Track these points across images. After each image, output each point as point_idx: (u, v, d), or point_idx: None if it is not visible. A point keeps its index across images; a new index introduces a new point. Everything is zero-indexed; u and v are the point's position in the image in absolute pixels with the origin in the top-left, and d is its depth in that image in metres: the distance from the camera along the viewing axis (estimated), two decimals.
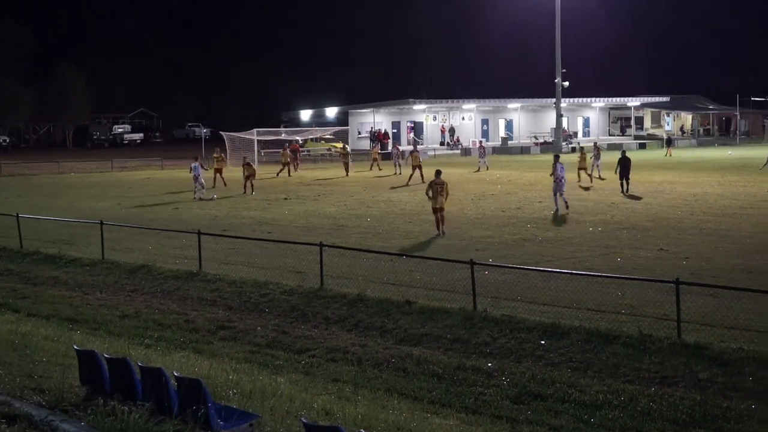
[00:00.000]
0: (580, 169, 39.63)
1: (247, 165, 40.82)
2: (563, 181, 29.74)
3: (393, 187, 40.98)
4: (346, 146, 62.47)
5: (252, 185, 40.03)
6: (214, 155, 45.60)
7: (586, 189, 37.01)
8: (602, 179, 40.80)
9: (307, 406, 9.96)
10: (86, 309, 17.67)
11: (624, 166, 35.83)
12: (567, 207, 29.35)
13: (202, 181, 38.46)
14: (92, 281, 20.11)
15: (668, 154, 63.97)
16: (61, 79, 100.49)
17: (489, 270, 17.63)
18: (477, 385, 12.43)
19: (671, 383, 11.98)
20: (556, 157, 31.31)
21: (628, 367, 12.56)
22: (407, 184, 41.44)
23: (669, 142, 70.08)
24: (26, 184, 50.88)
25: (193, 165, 39.07)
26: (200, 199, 37.10)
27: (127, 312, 17.31)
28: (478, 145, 63.46)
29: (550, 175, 30.67)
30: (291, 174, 50.79)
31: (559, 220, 27.57)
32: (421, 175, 42.70)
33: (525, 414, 11.36)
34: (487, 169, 51.67)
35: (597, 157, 44.19)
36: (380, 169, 52.83)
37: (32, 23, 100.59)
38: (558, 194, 29.61)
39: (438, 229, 24.59)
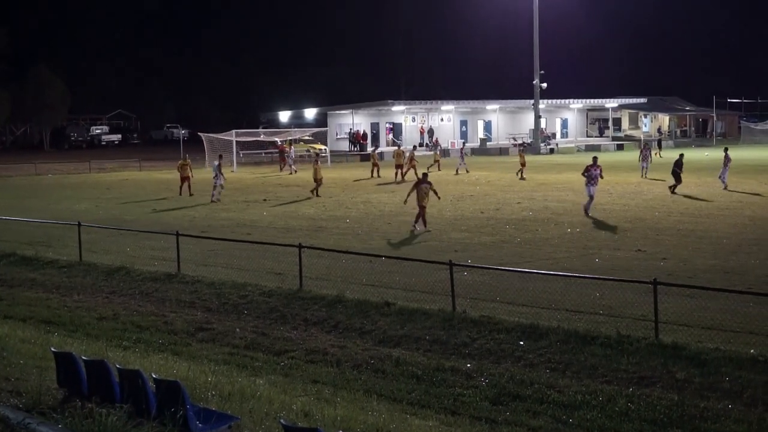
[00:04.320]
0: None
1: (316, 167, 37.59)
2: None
3: (381, 184, 41.01)
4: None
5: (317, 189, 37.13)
6: (180, 162, 40.18)
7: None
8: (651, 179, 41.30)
9: (286, 408, 9.95)
10: (63, 311, 17.55)
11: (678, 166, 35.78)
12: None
13: (221, 182, 36.62)
14: (69, 283, 19.97)
15: (658, 155, 64.09)
16: (38, 80, 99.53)
17: (468, 271, 17.66)
18: (456, 386, 12.46)
19: (649, 383, 12.06)
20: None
21: (606, 368, 12.62)
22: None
23: (659, 144, 70.40)
24: (2, 185, 50.42)
25: (213, 164, 37.66)
26: (217, 200, 35.89)
27: (104, 314, 17.21)
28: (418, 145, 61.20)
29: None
30: (380, 175, 47.21)
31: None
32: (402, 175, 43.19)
33: (504, 415, 11.40)
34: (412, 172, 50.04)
35: (645, 158, 44.00)
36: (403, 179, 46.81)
37: (7, 24, 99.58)
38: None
39: (425, 225, 25.71)
